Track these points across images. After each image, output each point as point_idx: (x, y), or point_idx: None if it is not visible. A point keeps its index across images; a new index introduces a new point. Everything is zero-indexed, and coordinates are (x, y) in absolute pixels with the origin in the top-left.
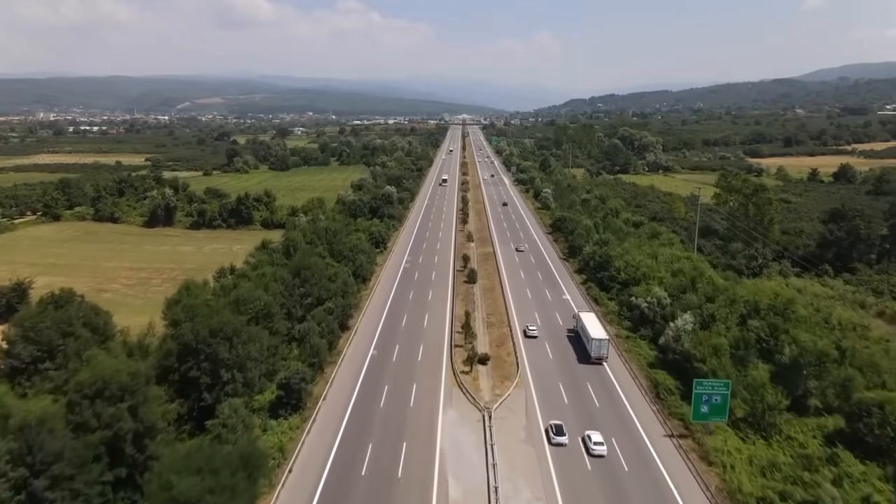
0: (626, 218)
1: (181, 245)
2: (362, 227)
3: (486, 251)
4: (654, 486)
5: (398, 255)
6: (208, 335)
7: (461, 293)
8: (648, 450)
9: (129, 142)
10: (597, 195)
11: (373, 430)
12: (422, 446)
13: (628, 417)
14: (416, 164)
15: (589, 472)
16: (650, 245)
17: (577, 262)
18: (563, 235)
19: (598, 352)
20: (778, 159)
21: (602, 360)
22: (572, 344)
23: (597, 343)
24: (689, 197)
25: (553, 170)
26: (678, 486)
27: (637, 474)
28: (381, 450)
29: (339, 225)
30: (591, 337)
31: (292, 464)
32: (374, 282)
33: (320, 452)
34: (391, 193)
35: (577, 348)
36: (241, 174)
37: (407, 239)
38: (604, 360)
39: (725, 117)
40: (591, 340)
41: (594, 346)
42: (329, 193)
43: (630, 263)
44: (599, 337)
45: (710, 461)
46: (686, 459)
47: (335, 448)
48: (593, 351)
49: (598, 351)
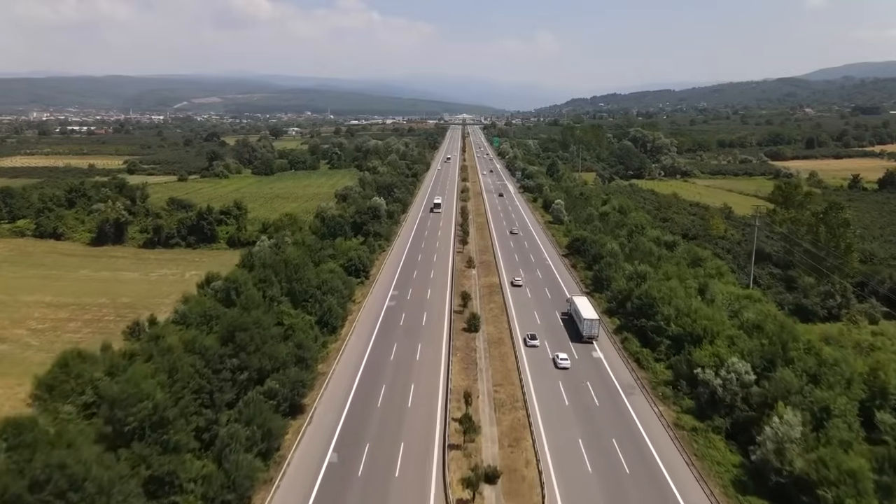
0: (655, 237)
1: (126, 270)
2: (342, 249)
3: (490, 282)
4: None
5: (382, 288)
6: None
7: (460, 347)
8: None
9: (114, 143)
10: (615, 206)
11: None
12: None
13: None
14: (412, 168)
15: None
16: (693, 275)
17: (605, 299)
18: (582, 260)
19: (589, 331)
20: (801, 162)
21: (593, 340)
22: (623, 448)
23: (588, 323)
24: (723, 209)
25: (562, 175)
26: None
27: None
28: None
29: (303, 258)
30: (583, 318)
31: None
32: (348, 330)
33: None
34: (379, 206)
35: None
36: (219, 179)
37: (395, 264)
38: (594, 339)
39: (734, 117)
40: (584, 321)
41: (586, 326)
42: (312, 203)
43: (681, 310)
44: (591, 318)
45: None
46: None
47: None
48: (585, 330)
49: (590, 330)
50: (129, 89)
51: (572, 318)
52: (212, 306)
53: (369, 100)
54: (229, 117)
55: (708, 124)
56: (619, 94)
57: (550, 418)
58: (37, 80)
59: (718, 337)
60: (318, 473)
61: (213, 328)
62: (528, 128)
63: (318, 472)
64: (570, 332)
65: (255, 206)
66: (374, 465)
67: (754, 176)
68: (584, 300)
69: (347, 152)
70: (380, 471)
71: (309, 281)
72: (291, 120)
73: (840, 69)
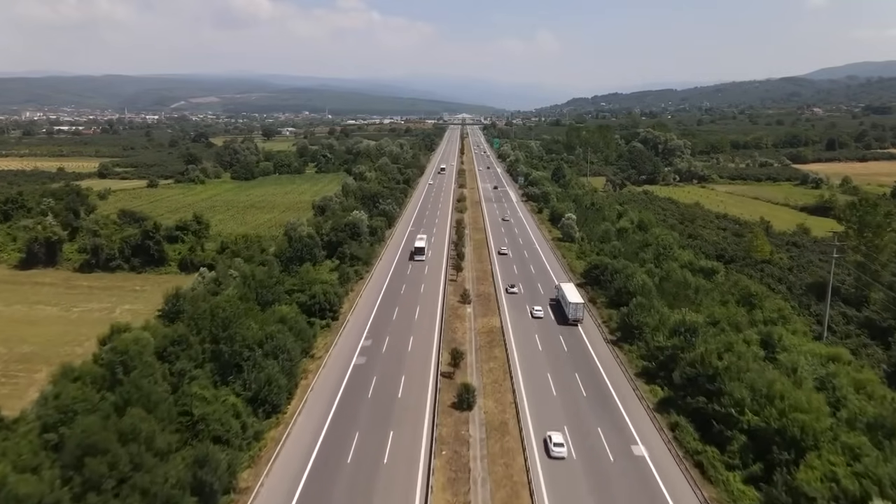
0: (688, 260)
1: (46, 303)
2: (308, 279)
3: (489, 326)
4: None
5: (352, 334)
6: None
7: (447, 439)
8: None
9: (97, 144)
10: (633, 220)
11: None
12: None
13: None
14: (404, 173)
15: None
16: (749, 319)
17: (639, 354)
18: (603, 293)
19: (574, 314)
20: (824, 165)
21: (578, 323)
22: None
23: (574, 307)
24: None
25: (569, 181)
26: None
27: None
28: None
29: (235, 308)
30: (569, 302)
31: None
32: (297, 405)
33: None
34: (359, 223)
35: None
36: (194, 185)
37: (372, 298)
38: (579, 322)
39: (740, 117)
40: (570, 305)
41: (571, 310)
42: (288, 214)
43: (758, 389)
44: (576, 301)
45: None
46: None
47: None
48: (570, 313)
49: (575, 314)
50: (127, 89)
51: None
52: (80, 396)
53: (369, 100)
54: (225, 116)
55: (715, 124)
56: (620, 93)
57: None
58: (34, 79)
59: (823, 439)
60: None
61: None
62: (529, 128)
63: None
64: (607, 425)
65: (224, 217)
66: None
67: (779, 181)
68: (571, 286)
69: (337, 154)
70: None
71: (244, 339)
72: (288, 120)
73: (842, 69)
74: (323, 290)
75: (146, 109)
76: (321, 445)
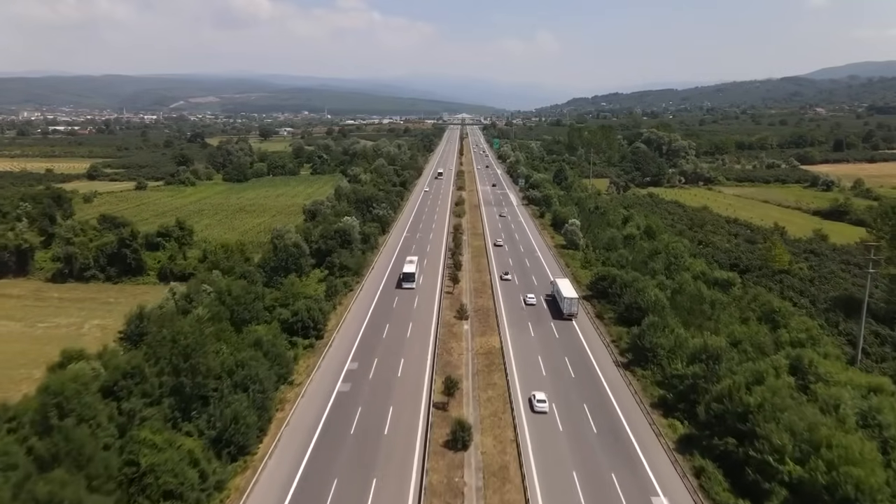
0: (700, 271)
1: (11, 316)
2: (292, 291)
3: (488, 345)
4: None
5: (338, 356)
6: None
7: (438, 489)
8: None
9: (92, 144)
10: (640, 226)
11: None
12: None
13: None
14: (400, 175)
15: None
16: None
17: (653, 381)
18: (611, 308)
19: (569, 308)
20: (834, 167)
21: (573, 317)
22: None
23: (568, 301)
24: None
25: (571, 183)
26: None
27: None
28: None
29: (197, 334)
30: (563, 296)
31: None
32: (270, 444)
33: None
34: (350, 229)
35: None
36: (184, 187)
37: (362, 312)
38: (574, 317)
39: (743, 117)
40: (564, 299)
41: (566, 304)
42: (279, 218)
43: (799, 433)
44: (570, 296)
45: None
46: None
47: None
48: (565, 308)
49: (570, 308)
50: (127, 89)
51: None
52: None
53: (369, 99)
54: (223, 116)
55: (718, 124)
56: (620, 93)
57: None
58: (34, 79)
59: (880, 497)
60: None
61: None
62: (529, 128)
63: None
64: (622, 469)
65: (212, 221)
66: None
67: (788, 183)
68: (566, 281)
69: (334, 155)
70: None
71: (209, 370)
72: (287, 120)
73: (843, 68)
74: (307, 307)
75: (145, 109)
76: (293, 497)
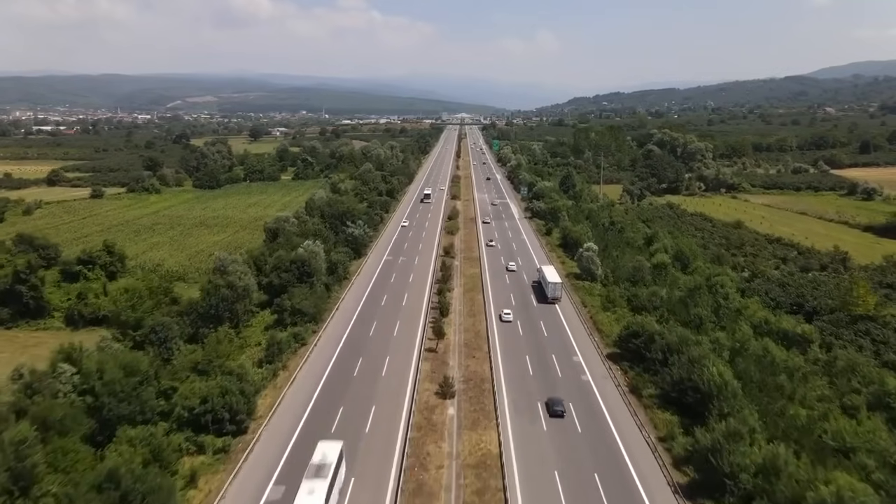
0: (762, 318)
1: None
2: (220, 353)
3: (481, 446)
4: None
5: (258, 472)
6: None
7: None
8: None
9: (70, 145)
10: (668, 249)
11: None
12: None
13: None
14: (388, 181)
15: None
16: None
17: None
18: (650, 379)
19: (553, 293)
20: (865, 171)
21: (556, 301)
22: None
23: (552, 286)
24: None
25: (580, 192)
26: None
27: None
28: None
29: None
30: (548, 281)
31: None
32: None
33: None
34: (311, 258)
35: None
36: (148, 195)
37: (309, 385)
38: (557, 300)
39: (751, 116)
40: (549, 284)
41: (550, 289)
42: (244, 234)
43: None
44: (554, 280)
45: None
46: None
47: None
48: (549, 292)
49: (554, 292)
50: (124, 88)
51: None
52: None
53: (369, 99)
54: (219, 116)
55: (726, 124)
56: (622, 93)
57: None
58: (30, 78)
59: None
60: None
61: None
62: (530, 128)
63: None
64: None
65: (162, 239)
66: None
67: (821, 191)
68: (551, 268)
69: (320, 158)
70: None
71: None
72: (284, 119)
73: (846, 68)
74: (223, 390)
75: (141, 109)
76: None
